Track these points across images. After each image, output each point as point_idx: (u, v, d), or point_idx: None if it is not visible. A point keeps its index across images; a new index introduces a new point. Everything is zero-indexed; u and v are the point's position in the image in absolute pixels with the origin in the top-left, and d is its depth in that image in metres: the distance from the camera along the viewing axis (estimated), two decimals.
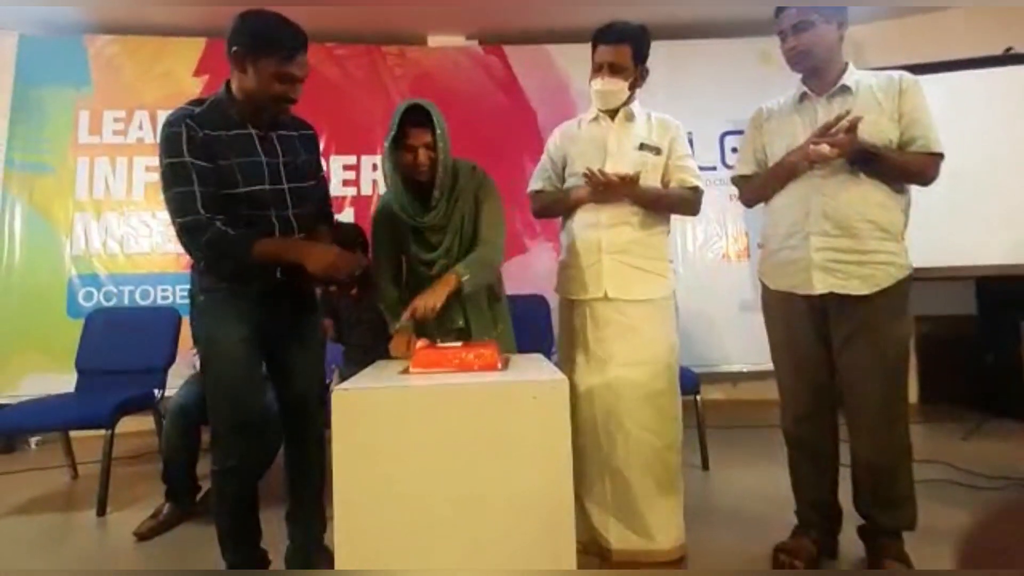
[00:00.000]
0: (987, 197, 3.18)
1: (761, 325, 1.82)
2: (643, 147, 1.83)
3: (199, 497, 2.25)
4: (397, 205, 1.69)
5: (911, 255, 1.64)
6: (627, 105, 1.85)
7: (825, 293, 1.62)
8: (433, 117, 1.62)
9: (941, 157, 1.60)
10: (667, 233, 1.90)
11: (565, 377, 1.26)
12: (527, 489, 1.19)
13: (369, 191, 3.72)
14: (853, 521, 1.72)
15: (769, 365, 1.82)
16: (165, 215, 1.49)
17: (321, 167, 1.73)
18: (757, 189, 1.80)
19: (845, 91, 1.65)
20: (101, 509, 2.29)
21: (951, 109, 2.30)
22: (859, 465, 1.66)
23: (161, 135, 1.46)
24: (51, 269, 3.41)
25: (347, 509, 1.18)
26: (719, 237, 3.79)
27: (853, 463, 1.67)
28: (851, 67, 1.67)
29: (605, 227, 1.81)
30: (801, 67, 1.69)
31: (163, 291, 3.46)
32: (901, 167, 1.60)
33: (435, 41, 3.95)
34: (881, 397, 1.61)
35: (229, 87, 1.51)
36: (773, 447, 1.96)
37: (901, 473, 1.63)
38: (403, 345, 1.66)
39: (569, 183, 1.90)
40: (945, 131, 1.60)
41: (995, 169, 3.19)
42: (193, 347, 1.67)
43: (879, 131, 1.59)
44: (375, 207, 1.87)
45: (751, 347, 3.32)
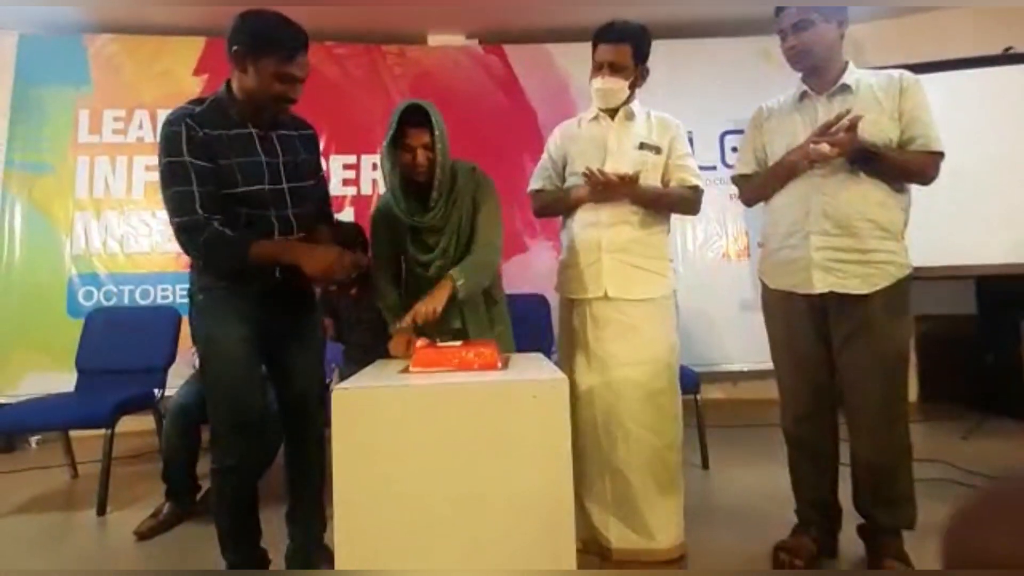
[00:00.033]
0: (987, 196, 3.18)
1: (761, 324, 1.82)
2: (643, 146, 1.83)
3: (199, 496, 2.25)
4: (396, 205, 1.69)
5: (911, 254, 1.64)
6: (627, 104, 1.85)
7: (825, 292, 1.62)
8: (432, 118, 1.62)
9: (941, 156, 1.60)
10: (667, 232, 1.90)
11: (565, 376, 1.26)
12: (527, 488, 1.19)
13: (369, 190, 3.72)
14: (853, 520, 1.72)
15: (769, 364, 1.82)
16: (165, 214, 1.48)
17: (321, 167, 1.73)
18: (757, 188, 1.80)
19: (845, 90, 1.65)
20: (101, 508, 2.29)
21: (951, 108, 2.30)
22: (859, 464, 1.66)
23: (161, 134, 1.46)
24: (51, 268, 3.41)
25: (347, 508, 1.18)
26: (719, 236, 3.79)
27: (853, 462, 1.67)
28: (851, 66, 1.67)
29: (605, 226, 1.81)
30: (801, 66, 1.69)
31: (163, 290, 3.45)
32: (901, 166, 1.60)
33: (435, 40, 3.95)
34: (881, 396, 1.61)
35: (229, 86, 1.50)
36: (773, 446, 1.96)
37: (901, 472, 1.63)
38: (403, 345, 1.66)
39: (569, 182, 1.90)
40: (945, 130, 1.60)
41: (995, 168, 3.18)
42: (193, 346, 1.67)
43: (879, 130, 1.59)
44: (374, 207, 1.87)
45: (751, 346, 3.31)
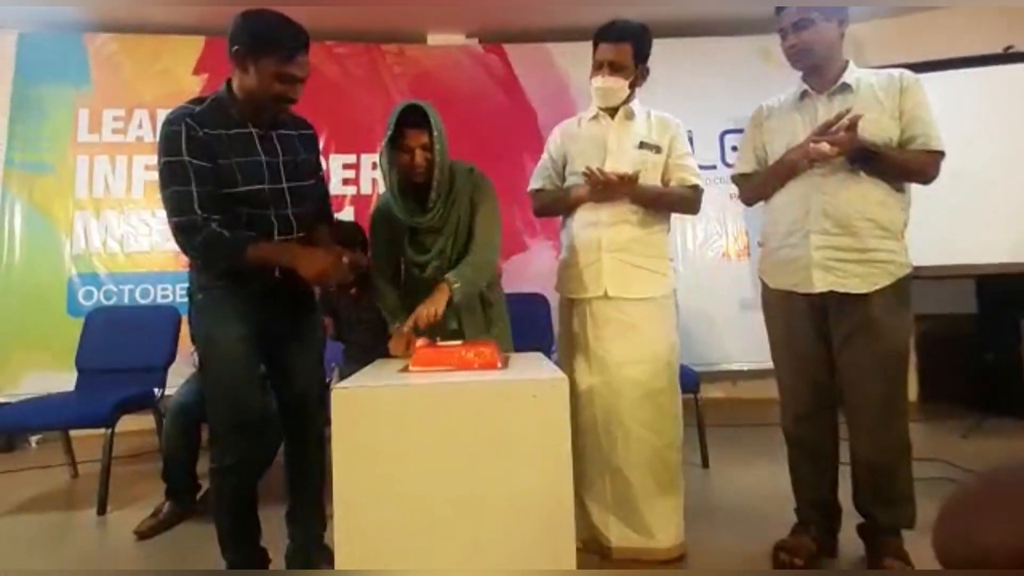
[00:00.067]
0: (988, 196, 3.18)
1: (761, 324, 1.82)
2: (643, 145, 1.83)
3: (199, 496, 2.25)
4: (395, 206, 1.69)
5: (911, 253, 1.64)
6: (627, 103, 1.85)
7: (825, 292, 1.62)
8: (430, 118, 1.61)
9: (942, 155, 1.60)
10: (667, 231, 1.90)
11: (565, 376, 1.26)
12: (527, 488, 1.19)
13: (369, 190, 3.72)
14: (853, 519, 1.72)
15: (769, 364, 1.82)
16: (164, 214, 1.48)
17: (321, 166, 1.73)
18: (757, 187, 1.80)
19: (846, 89, 1.64)
20: (101, 508, 2.29)
21: (951, 107, 2.29)
22: (859, 463, 1.66)
23: (160, 133, 1.46)
24: (51, 268, 3.41)
25: (347, 508, 1.18)
26: (719, 236, 3.79)
27: (853, 461, 1.67)
28: (852, 65, 1.67)
29: (605, 225, 1.81)
30: (801, 65, 1.69)
31: (163, 290, 3.45)
32: (901, 165, 1.60)
33: (435, 39, 3.94)
34: (881, 395, 1.61)
35: (230, 86, 1.50)
36: (773, 445, 1.96)
37: (901, 471, 1.63)
38: (403, 344, 1.66)
39: (569, 182, 1.90)
40: (945, 129, 1.60)
41: (995, 168, 3.18)
42: (193, 346, 1.67)
43: (880, 129, 1.58)
44: (374, 207, 1.87)
45: (751, 346, 3.31)
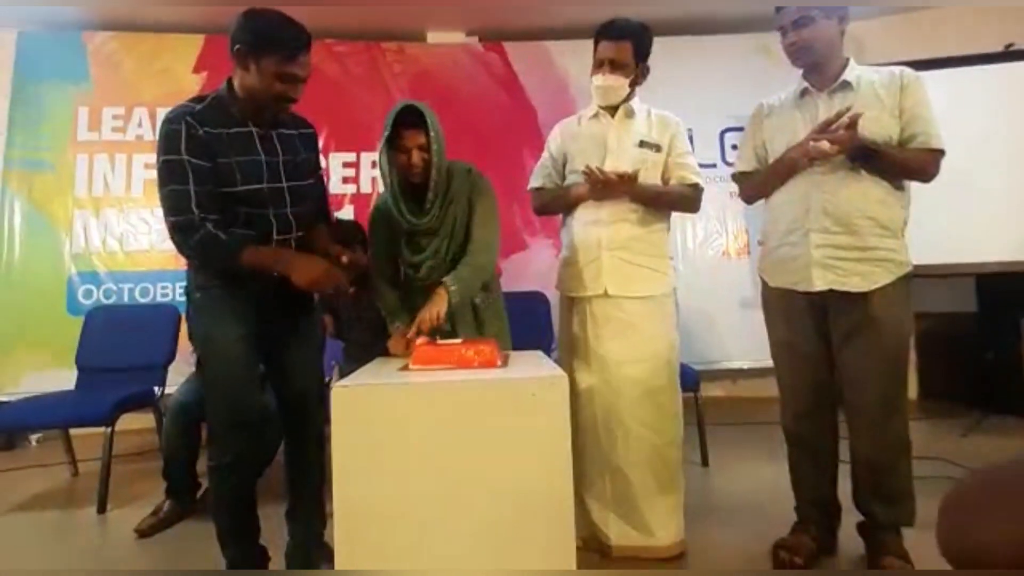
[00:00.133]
0: (988, 194, 3.18)
1: (761, 322, 1.82)
2: (643, 144, 1.82)
3: (200, 494, 2.25)
4: (394, 207, 1.69)
5: (911, 252, 1.63)
6: (627, 102, 1.85)
7: (825, 290, 1.62)
8: (427, 118, 1.61)
9: (942, 154, 1.59)
10: (667, 230, 1.89)
11: (564, 374, 1.26)
12: (527, 486, 1.19)
13: (368, 188, 3.72)
14: (853, 517, 1.72)
15: (769, 362, 1.82)
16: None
17: (320, 166, 1.73)
18: (757, 186, 1.80)
19: (846, 87, 1.64)
20: (102, 506, 2.29)
21: (952, 106, 2.29)
22: (859, 462, 1.66)
23: (160, 132, 1.45)
24: (51, 267, 3.41)
25: (347, 506, 1.18)
26: (719, 234, 3.79)
27: (853, 460, 1.67)
28: (852, 63, 1.67)
29: (605, 224, 1.81)
30: (802, 62, 1.69)
31: (163, 288, 3.45)
32: (901, 164, 1.60)
33: (435, 38, 3.94)
34: (881, 394, 1.61)
35: (231, 84, 1.50)
36: (773, 444, 1.96)
37: (900, 469, 1.63)
38: (402, 343, 1.66)
39: (570, 180, 1.90)
40: (946, 128, 1.60)
41: (995, 166, 3.18)
42: (191, 344, 1.67)
43: (880, 127, 1.58)
44: (373, 206, 1.87)
45: (751, 344, 3.32)
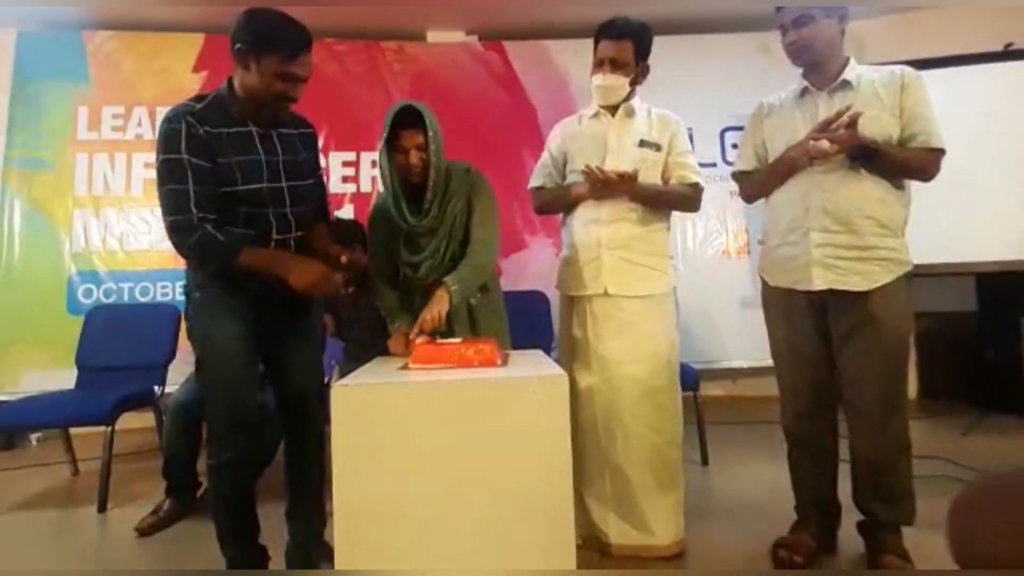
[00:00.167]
0: (988, 193, 3.18)
1: (761, 321, 1.82)
2: (643, 143, 1.82)
3: (200, 493, 2.25)
4: (393, 208, 1.69)
5: (911, 251, 1.63)
6: (628, 101, 1.84)
7: (825, 289, 1.62)
8: (425, 119, 1.61)
9: (942, 153, 1.59)
10: (667, 229, 1.89)
11: (564, 373, 1.26)
12: (527, 485, 1.19)
13: (368, 188, 3.71)
14: (853, 516, 1.72)
15: (769, 361, 1.82)
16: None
17: (320, 166, 1.73)
18: (757, 185, 1.80)
19: (846, 86, 1.64)
20: (102, 505, 2.29)
21: (952, 105, 2.29)
22: (859, 461, 1.66)
23: (160, 130, 1.45)
24: (51, 266, 3.41)
25: (347, 505, 1.18)
26: (719, 233, 3.79)
27: (852, 459, 1.67)
28: (852, 62, 1.67)
29: (605, 223, 1.81)
30: (802, 61, 1.69)
31: (163, 288, 3.45)
32: (902, 163, 1.60)
33: (434, 37, 3.94)
34: (881, 393, 1.61)
35: (231, 84, 1.50)
36: (773, 443, 1.96)
37: (900, 469, 1.63)
38: (402, 343, 1.66)
39: (570, 179, 1.90)
40: (945, 127, 1.60)
41: (996, 165, 3.18)
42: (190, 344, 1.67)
43: (880, 127, 1.58)
44: (372, 205, 1.86)
45: (751, 343, 3.32)
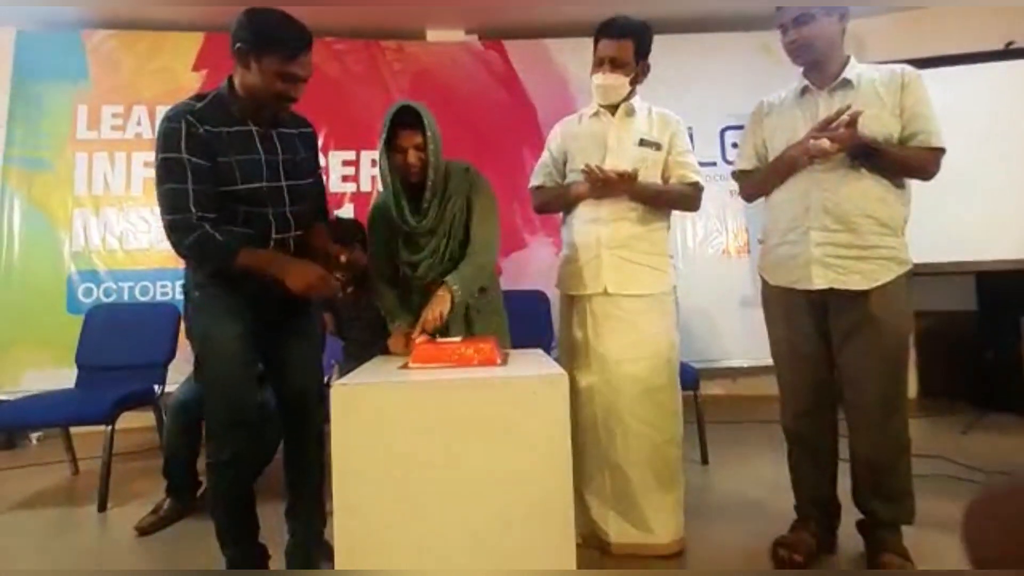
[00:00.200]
0: (988, 192, 3.18)
1: (761, 321, 1.82)
2: (643, 143, 1.82)
3: (200, 493, 2.25)
4: (393, 209, 1.69)
5: (911, 250, 1.63)
6: (628, 100, 1.84)
7: (825, 288, 1.62)
8: (423, 118, 1.61)
9: (942, 152, 1.59)
10: (667, 228, 1.89)
11: (564, 372, 1.26)
12: (527, 484, 1.19)
13: (368, 187, 3.71)
14: (852, 515, 1.72)
15: (769, 361, 1.82)
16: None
17: (319, 165, 1.72)
18: (757, 184, 1.80)
19: (846, 85, 1.64)
20: (102, 504, 2.30)
21: (952, 104, 2.28)
22: (858, 460, 1.66)
23: (159, 129, 1.45)
24: (50, 265, 3.41)
25: (347, 504, 1.18)
26: (719, 233, 3.79)
27: (852, 458, 1.67)
28: (853, 61, 1.67)
29: (605, 222, 1.81)
30: (802, 60, 1.69)
31: (162, 287, 3.45)
32: (902, 162, 1.60)
33: (434, 36, 3.93)
34: (880, 392, 1.61)
35: (231, 83, 1.50)
36: (772, 442, 1.96)
37: (900, 468, 1.63)
38: (402, 341, 1.66)
39: (570, 179, 1.90)
40: (946, 126, 1.60)
41: (996, 164, 3.18)
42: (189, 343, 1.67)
43: (880, 125, 1.58)
44: (372, 205, 1.86)
45: (751, 343, 3.32)
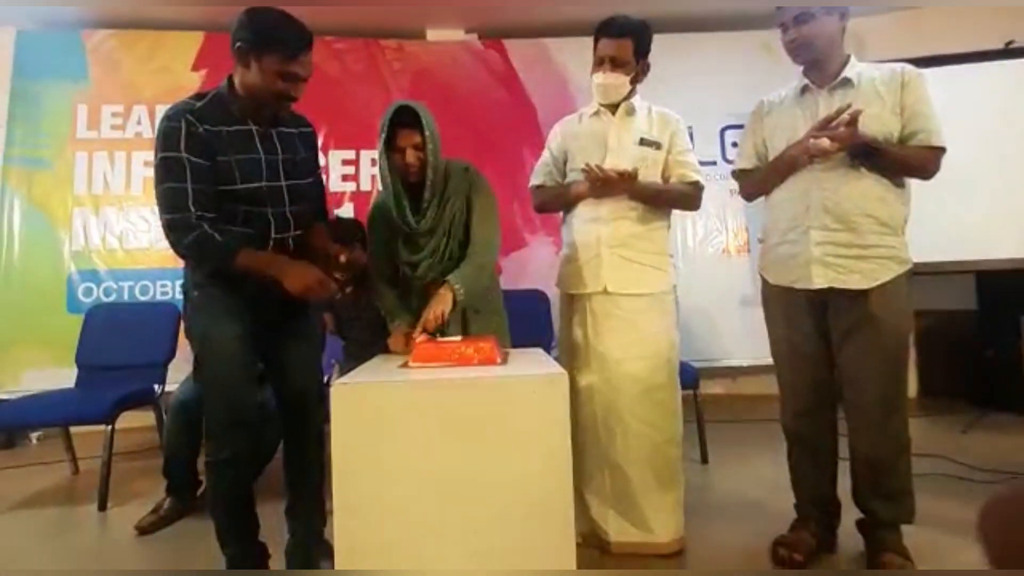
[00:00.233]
0: (988, 192, 3.18)
1: (761, 320, 1.82)
2: (643, 142, 1.82)
3: (200, 492, 2.25)
4: (393, 209, 1.68)
5: (911, 249, 1.63)
6: (628, 99, 1.84)
7: (825, 288, 1.62)
8: (421, 118, 1.60)
9: (942, 151, 1.59)
10: (667, 228, 1.89)
11: (564, 371, 1.26)
12: (527, 483, 1.19)
13: (368, 186, 3.71)
14: (852, 514, 1.72)
15: (769, 360, 1.82)
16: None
17: (319, 165, 1.72)
18: (757, 183, 1.79)
19: (847, 84, 1.64)
20: (102, 504, 2.30)
21: (952, 103, 2.28)
22: (858, 459, 1.66)
23: (159, 128, 1.45)
24: (50, 265, 3.41)
25: (347, 504, 1.18)
26: (719, 232, 3.78)
27: (852, 457, 1.67)
28: (853, 60, 1.67)
29: (605, 222, 1.81)
30: (802, 59, 1.68)
31: (162, 286, 3.45)
32: (902, 161, 1.60)
33: (434, 35, 3.93)
34: (880, 391, 1.61)
35: (231, 82, 1.50)
36: (772, 441, 1.96)
37: (900, 467, 1.63)
38: (402, 341, 1.66)
39: (570, 178, 1.90)
40: (946, 125, 1.60)
41: (996, 163, 3.18)
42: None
43: (880, 124, 1.58)
44: (372, 204, 1.86)
45: (751, 342, 3.32)
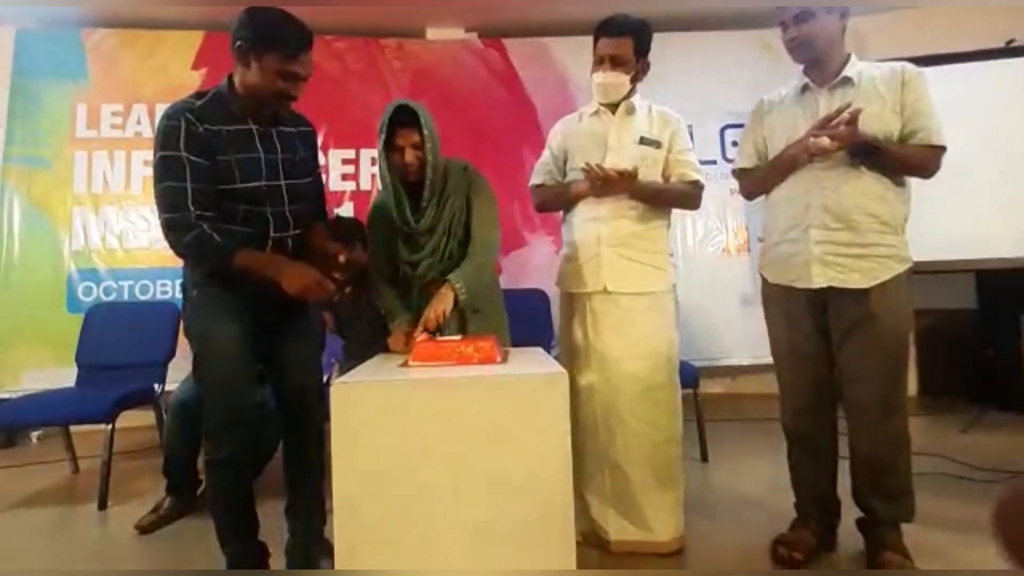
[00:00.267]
0: (988, 190, 3.18)
1: (761, 319, 1.82)
2: (643, 141, 1.82)
3: (200, 491, 2.25)
4: (393, 209, 1.68)
5: (911, 248, 1.63)
6: (628, 98, 1.84)
7: (825, 287, 1.62)
8: (420, 117, 1.60)
9: (943, 150, 1.59)
10: (667, 227, 1.89)
11: (564, 370, 1.26)
12: (527, 482, 1.19)
13: (368, 185, 3.71)
14: (852, 513, 1.72)
15: (769, 359, 1.82)
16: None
17: (319, 164, 1.72)
18: (758, 182, 1.79)
19: (847, 83, 1.64)
20: (102, 503, 2.30)
21: (952, 101, 2.27)
22: (858, 458, 1.66)
23: (159, 127, 1.45)
24: (50, 264, 3.41)
25: (346, 503, 1.18)
26: (719, 231, 3.78)
27: (852, 456, 1.67)
28: (853, 58, 1.67)
29: (605, 221, 1.81)
30: (802, 58, 1.68)
31: (162, 286, 3.45)
32: (902, 160, 1.60)
33: (434, 34, 3.93)
34: (880, 390, 1.61)
35: (231, 81, 1.50)
36: (772, 440, 1.96)
37: (900, 465, 1.63)
38: (402, 340, 1.66)
39: (570, 177, 1.90)
40: (946, 124, 1.59)
41: (996, 162, 3.18)
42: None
43: (881, 123, 1.58)
44: (372, 204, 1.86)
45: (751, 341, 3.32)
